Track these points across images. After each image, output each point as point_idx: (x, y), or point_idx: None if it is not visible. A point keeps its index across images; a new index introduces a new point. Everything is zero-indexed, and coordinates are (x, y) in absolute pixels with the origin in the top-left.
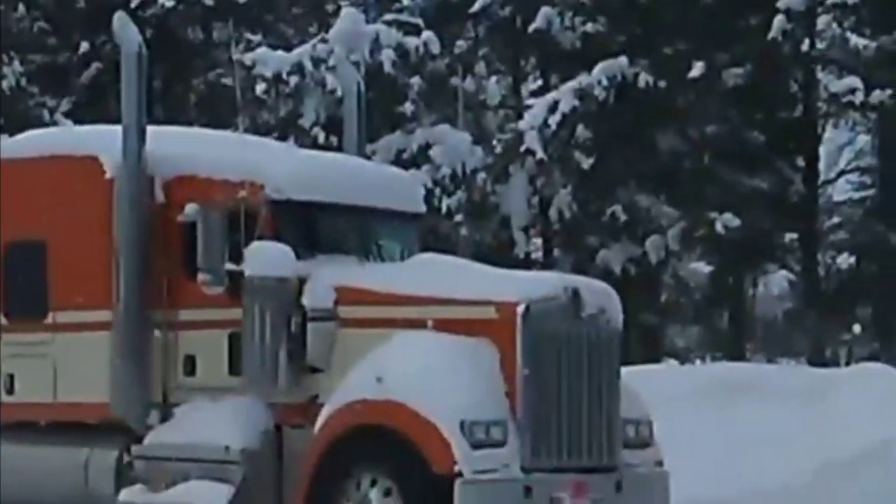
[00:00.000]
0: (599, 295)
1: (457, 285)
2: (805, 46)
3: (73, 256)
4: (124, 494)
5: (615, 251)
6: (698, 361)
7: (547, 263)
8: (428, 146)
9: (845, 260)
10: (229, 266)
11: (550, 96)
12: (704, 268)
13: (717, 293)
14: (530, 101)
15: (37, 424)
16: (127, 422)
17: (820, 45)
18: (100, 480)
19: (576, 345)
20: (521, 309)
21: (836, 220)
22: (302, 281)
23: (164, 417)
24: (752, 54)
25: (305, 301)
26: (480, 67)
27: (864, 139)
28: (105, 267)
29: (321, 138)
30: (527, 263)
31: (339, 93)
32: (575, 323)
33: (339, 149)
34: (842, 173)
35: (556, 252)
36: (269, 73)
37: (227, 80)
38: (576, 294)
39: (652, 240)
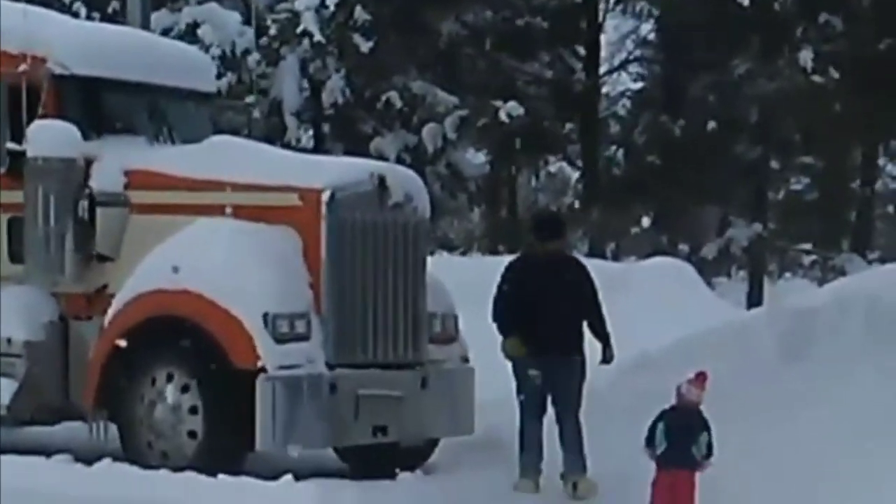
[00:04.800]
0: (406, 182)
1: (257, 170)
2: None
3: None
4: None
5: (389, 139)
6: (479, 254)
7: (318, 151)
8: (196, 25)
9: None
10: (10, 146)
11: None
12: (480, 157)
13: (494, 183)
14: None
15: None
16: None
17: None
18: None
19: (382, 234)
20: (325, 196)
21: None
22: (89, 163)
23: None
24: None
25: (93, 184)
26: None
27: (647, 28)
28: None
29: (83, 13)
30: (298, 151)
31: None
32: (381, 211)
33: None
34: (625, 62)
35: (327, 140)
36: None
37: None
38: (382, 181)
39: (429, 128)
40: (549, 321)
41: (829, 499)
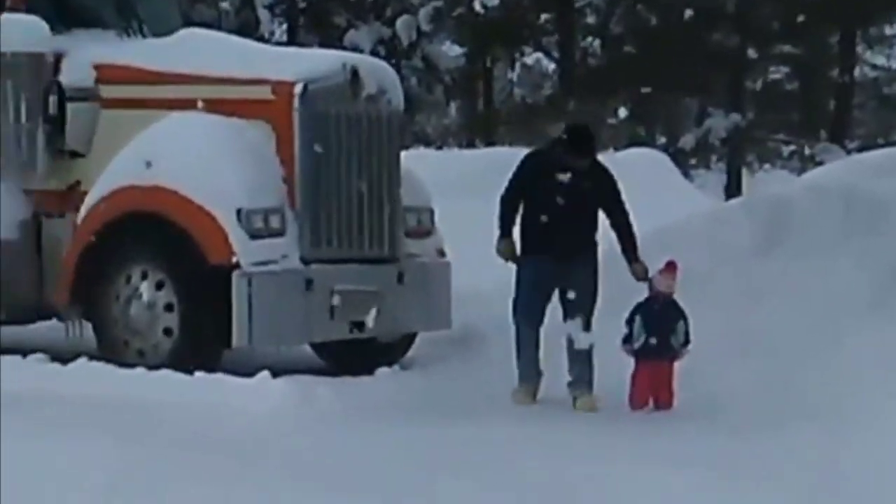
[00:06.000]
0: (379, 74)
1: (229, 63)
2: None
3: None
4: None
5: (364, 32)
6: (456, 148)
7: (292, 44)
8: None
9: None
10: None
11: None
12: (455, 50)
13: (470, 76)
14: None
15: None
16: None
17: None
18: None
19: (356, 127)
20: (298, 89)
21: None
22: (58, 57)
23: None
24: None
25: (63, 79)
26: None
27: None
28: None
29: None
30: (271, 44)
31: None
32: (354, 104)
33: None
34: None
35: (301, 33)
36: None
37: None
38: (355, 73)
39: (403, 20)
40: (561, 225)
41: (804, 382)
